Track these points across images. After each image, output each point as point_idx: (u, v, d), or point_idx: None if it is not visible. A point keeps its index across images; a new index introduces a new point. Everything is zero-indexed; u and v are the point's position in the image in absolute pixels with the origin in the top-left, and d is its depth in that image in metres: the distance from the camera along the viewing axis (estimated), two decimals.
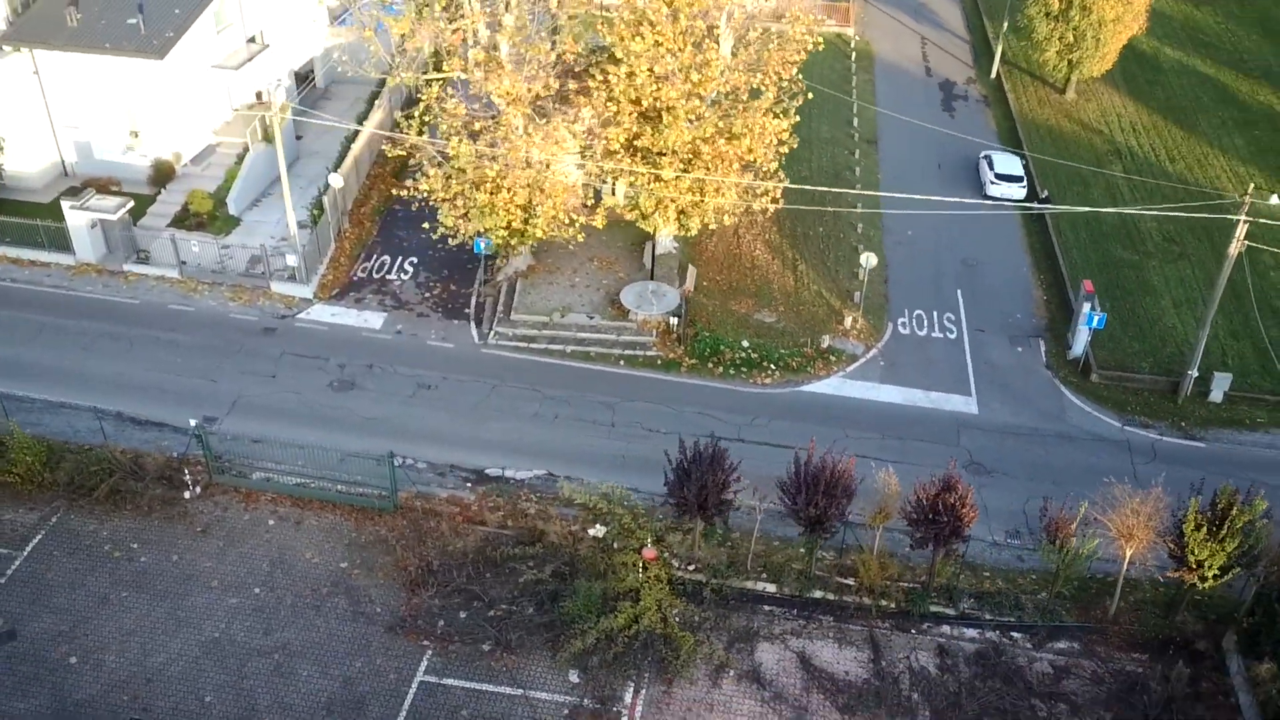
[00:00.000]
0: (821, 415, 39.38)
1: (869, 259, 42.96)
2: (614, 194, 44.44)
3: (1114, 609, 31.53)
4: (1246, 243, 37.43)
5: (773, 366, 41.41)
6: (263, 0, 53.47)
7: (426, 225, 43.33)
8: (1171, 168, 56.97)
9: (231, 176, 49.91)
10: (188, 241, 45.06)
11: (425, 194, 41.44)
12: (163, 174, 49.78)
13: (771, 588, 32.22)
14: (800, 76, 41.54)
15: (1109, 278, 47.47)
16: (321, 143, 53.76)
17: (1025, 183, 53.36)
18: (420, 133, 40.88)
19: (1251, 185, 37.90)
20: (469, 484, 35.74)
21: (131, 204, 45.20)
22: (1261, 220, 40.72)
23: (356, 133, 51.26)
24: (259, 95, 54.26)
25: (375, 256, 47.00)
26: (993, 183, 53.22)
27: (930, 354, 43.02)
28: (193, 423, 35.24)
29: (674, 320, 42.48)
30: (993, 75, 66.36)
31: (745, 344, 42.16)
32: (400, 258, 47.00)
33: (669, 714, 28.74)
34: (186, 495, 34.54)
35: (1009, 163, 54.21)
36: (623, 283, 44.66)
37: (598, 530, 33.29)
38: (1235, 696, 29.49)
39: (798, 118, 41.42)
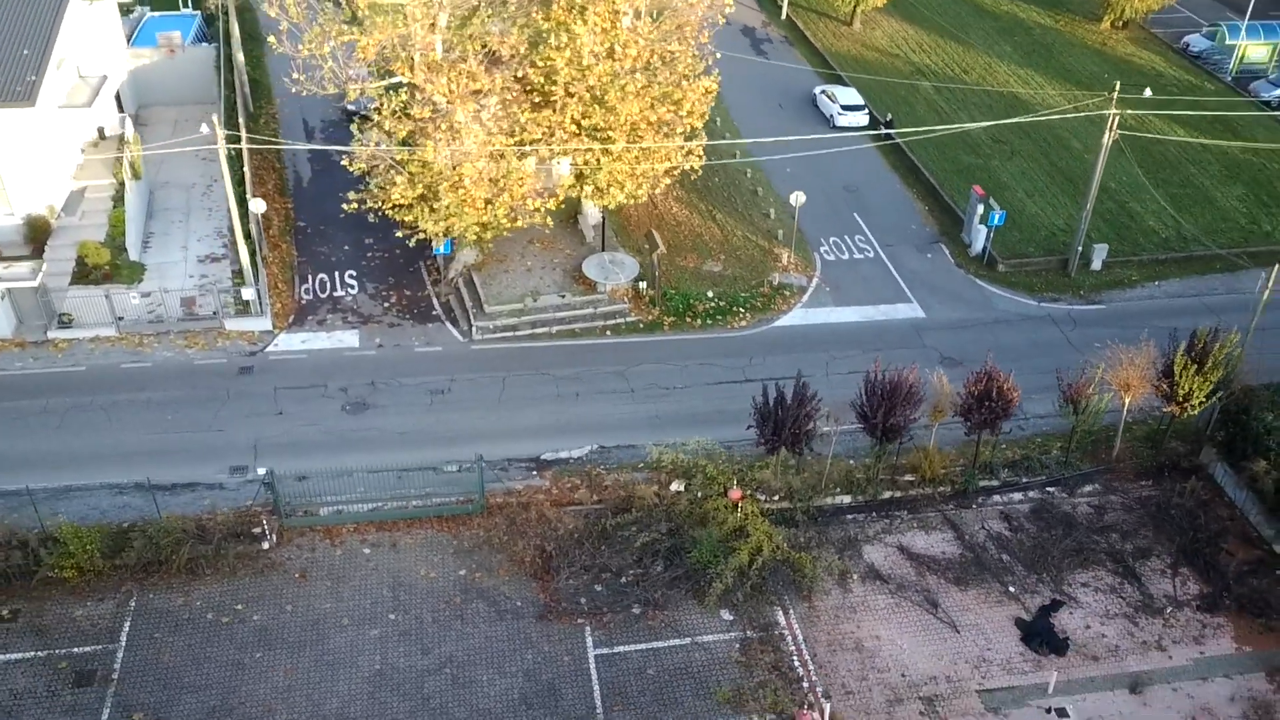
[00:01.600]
0: (803, 344, 43.22)
1: (798, 197, 46.89)
2: (564, 175, 45.63)
3: (1117, 451, 37.67)
4: (1120, 131, 44.49)
5: (742, 310, 44.71)
6: (77, 28, 49.63)
7: (401, 234, 42.82)
8: (968, 78, 64.76)
9: (118, 221, 46.68)
10: (125, 295, 42.15)
11: (390, 203, 41.11)
12: (38, 231, 45.54)
13: (848, 499, 35.91)
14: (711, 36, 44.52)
15: (967, 182, 54.06)
16: (166, 171, 50.89)
17: (867, 110, 59.12)
18: (377, 142, 40.49)
19: (1117, 83, 44.86)
20: (534, 471, 36.82)
21: (45, 267, 41.66)
22: (1130, 111, 48.12)
23: (240, 154, 49.13)
24: (100, 132, 50.68)
25: (310, 276, 45.83)
26: (840, 114, 58.59)
27: (861, 273, 47.80)
28: (261, 471, 34.11)
29: (642, 284, 44.73)
30: (783, 17, 71.90)
31: (710, 294, 45.15)
32: (335, 273, 46.10)
33: (821, 625, 31.89)
34: (265, 546, 33.56)
35: (849, 94, 59.78)
36: (571, 259, 46.25)
37: (678, 485, 35.56)
38: (1227, 494, 36.36)
39: (720, 75, 44.47)
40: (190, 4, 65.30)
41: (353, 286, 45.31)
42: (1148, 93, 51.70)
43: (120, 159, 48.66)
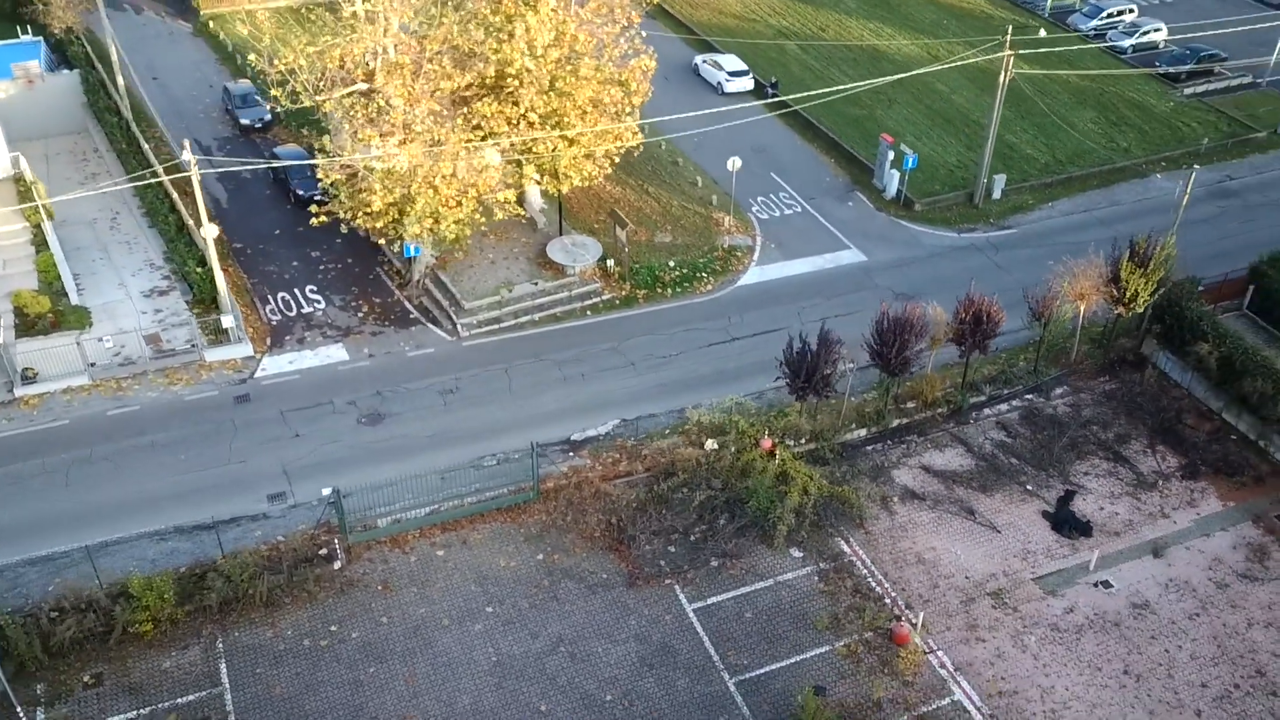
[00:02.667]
0: (770, 299, 45.84)
1: (735, 162, 49.30)
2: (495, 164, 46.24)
3: (1075, 354, 42.20)
4: (1016, 71, 49.03)
5: (704, 275, 46.86)
6: None
7: (383, 241, 42.55)
8: (826, 35, 68.78)
9: (47, 266, 44.45)
10: (94, 342, 40.18)
11: (366, 212, 40.86)
12: None
13: (863, 432, 38.86)
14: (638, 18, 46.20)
15: (858, 132, 57.95)
16: (61, 209, 48.03)
17: (751, 75, 62.06)
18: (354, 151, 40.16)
19: (1010, 26, 49.27)
20: (570, 452, 37.93)
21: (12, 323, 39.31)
22: (1024, 51, 52.78)
23: (152, 186, 47.20)
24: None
25: (270, 296, 44.81)
26: (727, 80, 61.30)
27: (795, 227, 50.79)
28: (326, 491, 33.81)
29: (609, 262, 46.14)
30: None
31: (672, 264, 47.07)
32: (295, 290, 45.26)
33: (881, 547, 34.74)
34: (336, 565, 33.45)
35: (732, 61, 62.53)
36: (530, 247, 47.14)
37: (712, 444, 37.55)
38: (1172, 378, 41.44)
39: (655, 53, 46.26)
40: (31, 30, 61.11)
41: (319, 301, 44.64)
42: (1042, 33, 56.84)
43: (29, 200, 46.08)
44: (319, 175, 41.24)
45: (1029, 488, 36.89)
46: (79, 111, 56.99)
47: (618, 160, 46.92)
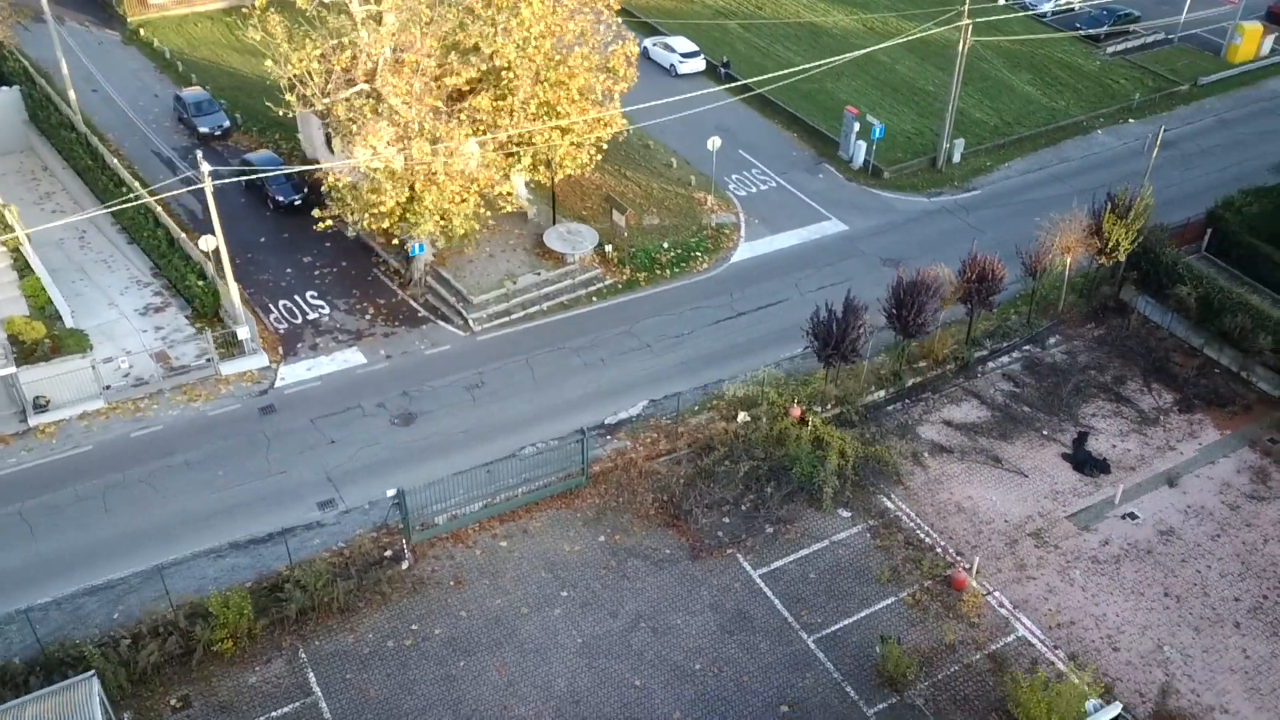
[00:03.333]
0: (766, 273, 47.16)
1: (714, 142, 50.40)
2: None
3: (1062, 304, 44.60)
4: (975, 39, 51.17)
5: (698, 254, 47.92)
6: None
7: (381, 241, 42.36)
8: (764, 13, 70.26)
9: (34, 290, 43.06)
10: (116, 364, 39.29)
11: (377, 212, 40.68)
12: None
13: (881, 394, 40.51)
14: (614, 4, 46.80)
15: (813, 106, 59.61)
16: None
17: (703, 55, 63.12)
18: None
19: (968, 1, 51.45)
20: (607, 436, 38.66)
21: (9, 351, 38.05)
22: (981, 19, 54.83)
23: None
24: None
25: (271, 305, 44.25)
26: (680, 62, 62.27)
27: (773, 202, 52.19)
28: (390, 493, 33.89)
29: (607, 248, 46.81)
30: None
31: (666, 246, 47.99)
32: (295, 296, 44.80)
33: (921, 500, 36.44)
34: (404, 565, 33.65)
35: (683, 43, 63.45)
36: (524, 238, 47.49)
37: (744, 416, 38.76)
38: (1152, 320, 44.15)
39: (635, 39, 46.94)
40: None
41: (322, 307, 44.26)
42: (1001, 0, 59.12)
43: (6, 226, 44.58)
44: (323, 179, 40.80)
45: (1045, 433, 39.08)
46: (21, 129, 54.93)
47: (606, 147, 47.54)
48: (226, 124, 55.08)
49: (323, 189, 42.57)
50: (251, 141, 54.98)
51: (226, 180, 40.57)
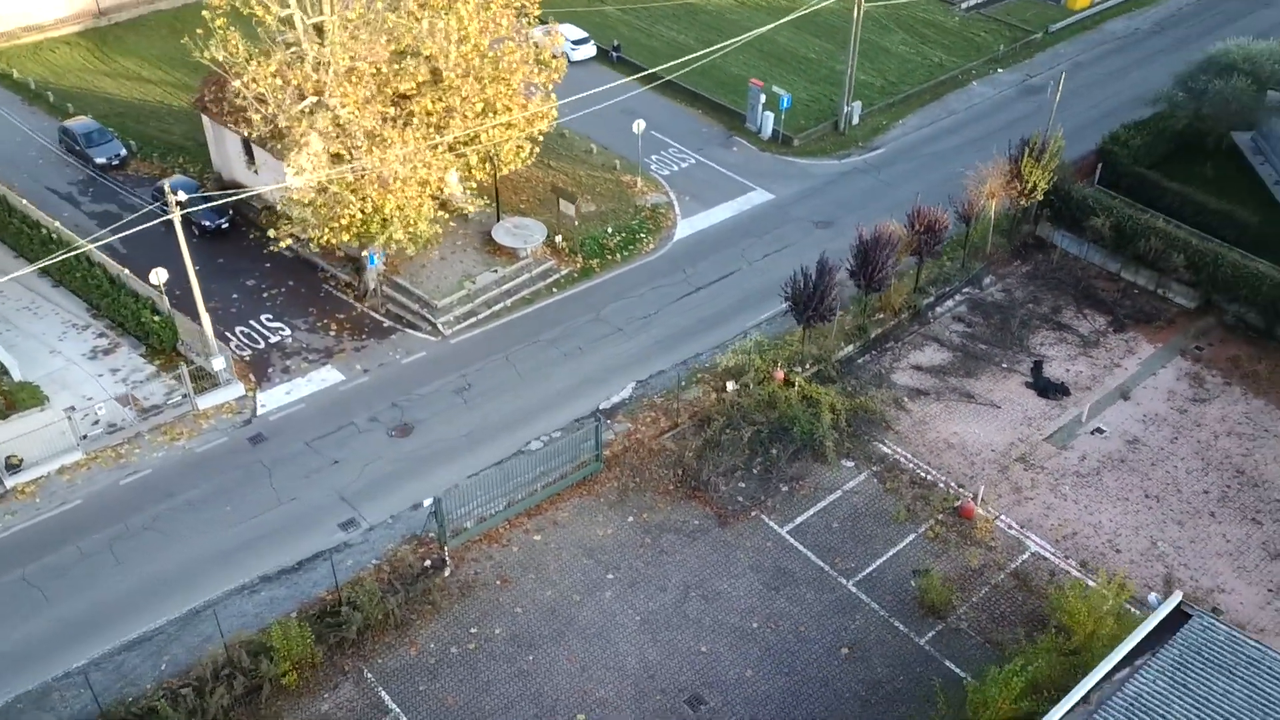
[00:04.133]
0: (710, 247, 48.66)
1: (639, 124, 51.45)
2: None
3: (989, 246, 47.84)
4: (820, 6, 53.78)
5: (643, 236, 49.00)
6: None
7: (341, 253, 41.65)
8: None
9: None
10: (84, 412, 37.35)
11: (339, 227, 40.07)
12: None
13: (849, 348, 42.70)
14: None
15: (706, 81, 61.27)
16: None
17: (592, 41, 63.88)
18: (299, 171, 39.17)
19: None
20: (607, 420, 39.45)
21: None
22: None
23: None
24: None
25: (229, 332, 42.92)
26: (573, 49, 62.84)
27: (699, 178, 53.67)
28: (427, 502, 33.76)
29: (558, 239, 47.34)
30: None
31: (610, 230, 48.83)
32: (250, 321, 43.66)
33: (914, 442, 38.80)
34: (447, 573, 33.76)
35: (573, 30, 63.97)
36: (469, 237, 47.49)
37: (732, 385, 40.26)
38: (1070, 252, 47.92)
39: (558, 27, 47.56)
40: None
41: (282, 329, 43.23)
42: None
43: None
44: (299, 197, 39.81)
45: (1004, 366, 42.13)
46: None
47: (542, 140, 47.97)
48: (123, 152, 52.58)
49: (279, 207, 41.59)
50: (153, 168, 52.67)
51: (196, 209, 39.09)
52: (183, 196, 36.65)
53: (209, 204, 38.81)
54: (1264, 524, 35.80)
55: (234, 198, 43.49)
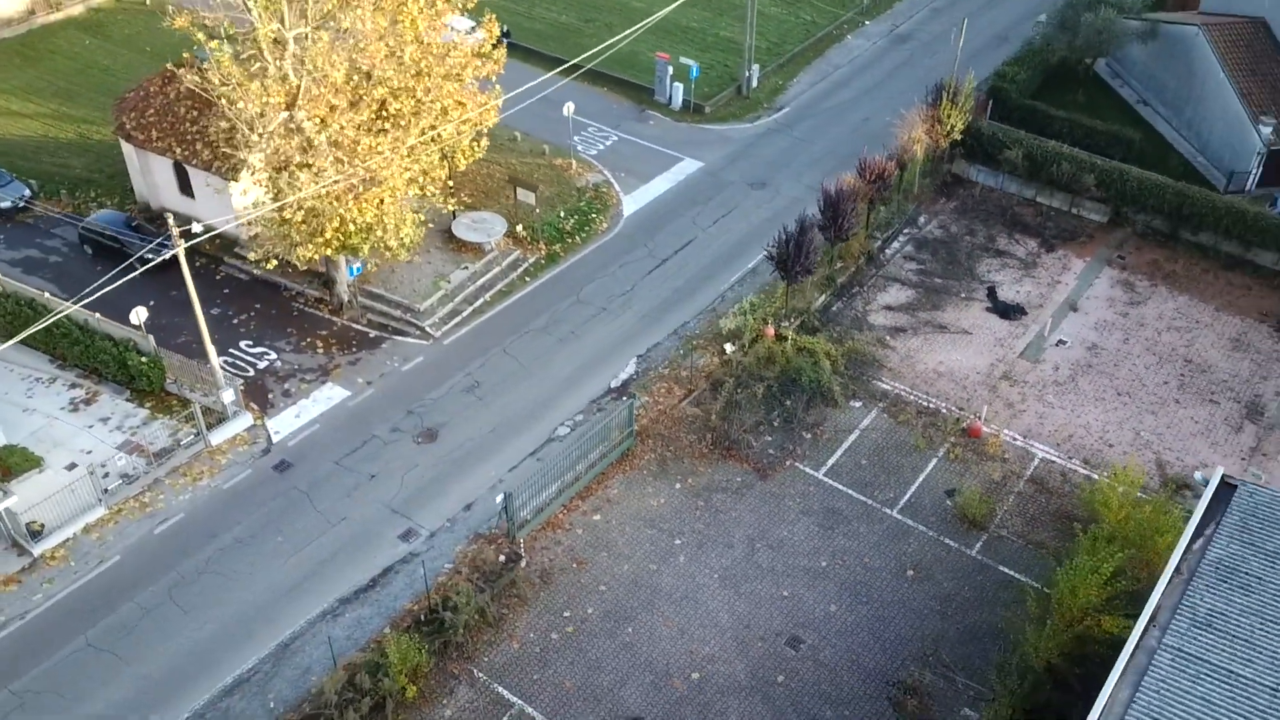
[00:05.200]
0: (661, 219, 50.22)
1: (569, 107, 52.24)
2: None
3: (917, 187, 51.31)
4: None
5: (595, 216, 50.05)
6: None
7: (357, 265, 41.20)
8: None
9: None
10: (98, 466, 35.72)
11: (321, 243, 39.45)
12: None
13: (823, 298, 45.28)
14: None
15: (611, 58, 62.27)
16: None
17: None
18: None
19: None
20: (623, 398, 40.66)
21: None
22: None
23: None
24: None
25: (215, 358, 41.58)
26: (465, 37, 62.57)
27: (626, 154, 54.96)
28: (499, 499, 34.20)
29: (519, 228, 47.81)
30: None
31: (562, 214, 49.63)
32: (230, 350, 42.35)
33: (906, 376, 41.78)
34: (523, 564, 34.47)
35: (461, 20, 63.50)
36: (430, 238, 47.32)
37: (730, 347, 42.20)
38: (986, 184, 52.01)
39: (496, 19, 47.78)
40: None
41: (268, 354, 42.23)
42: None
43: None
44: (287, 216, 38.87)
45: (962, 295, 45.68)
46: None
47: (489, 132, 48.18)
48: (26, 193, 49.48)
49: (259, 229, 40.51)
50: (61, 205, 49.83)
51: (197, 239, 37.57)
52: (197, 229, 35.36)
53: (208, 233, 37.34)
54: (1220, 402, 40.64)
55: (229, 223, 42.28)
